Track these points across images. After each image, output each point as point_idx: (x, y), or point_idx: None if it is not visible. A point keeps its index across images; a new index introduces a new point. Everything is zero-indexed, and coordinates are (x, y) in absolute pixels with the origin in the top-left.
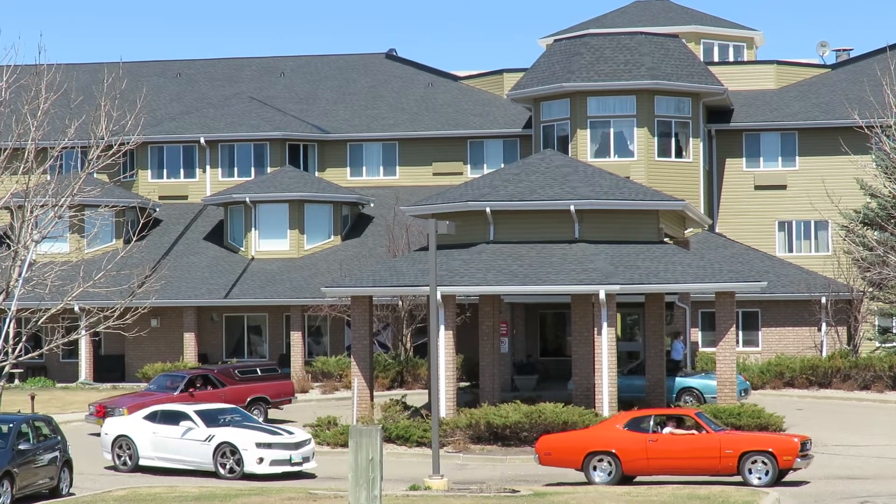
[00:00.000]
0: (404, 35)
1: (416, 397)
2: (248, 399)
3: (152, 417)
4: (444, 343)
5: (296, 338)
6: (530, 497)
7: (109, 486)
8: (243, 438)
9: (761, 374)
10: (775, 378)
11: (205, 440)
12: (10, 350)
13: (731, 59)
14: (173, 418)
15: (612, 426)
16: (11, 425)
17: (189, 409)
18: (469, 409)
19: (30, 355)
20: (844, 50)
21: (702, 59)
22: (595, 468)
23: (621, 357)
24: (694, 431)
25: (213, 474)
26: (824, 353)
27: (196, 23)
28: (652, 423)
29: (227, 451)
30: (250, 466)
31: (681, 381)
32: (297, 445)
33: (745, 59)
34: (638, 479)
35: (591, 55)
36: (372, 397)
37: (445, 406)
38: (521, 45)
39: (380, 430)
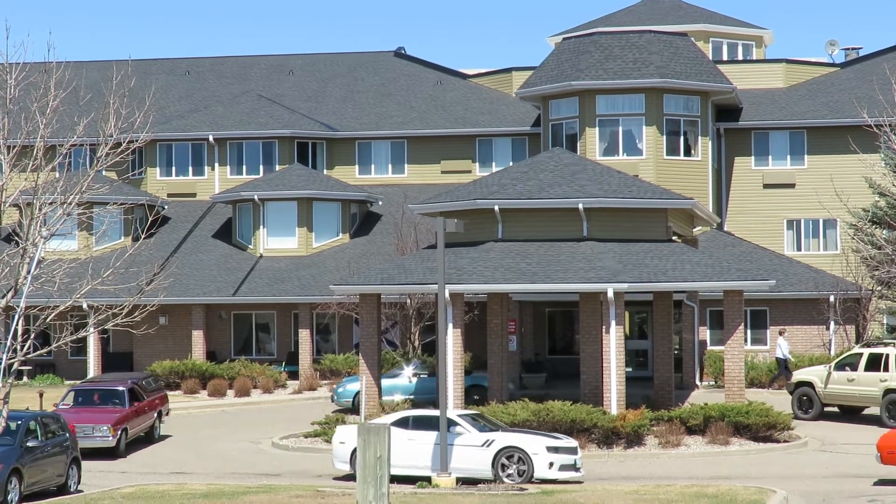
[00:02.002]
0: (413, 33)
1: None
2: (157, 411)
3: (404, 424)
4: (452, 341)
5: (304, 335)
6: (538, 495)
7: (119, 483)
8: (531, 443)
9: (769, 373)
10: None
11: (482, 445)
12: (18, 347)
13: (740, 57)
14: (432, 424)
15: None
16: (20, 422)
17: (453, 413)
18: (477, 407)
19: (38, 352)
20: (853, 49)
21: (711, 58)
22: None
23: (629, 355)
24: None
25: (490, 481)
26: (833, 352)
27: (205, 21)
28: None
29: (513, 455)
30: (540, 471)
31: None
32: (576, 450)
33: (754, 58)
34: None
35: (599, 53)
36: (380, 395)
37: (453, 404)
38: (529, 44)
39: (388, 428)
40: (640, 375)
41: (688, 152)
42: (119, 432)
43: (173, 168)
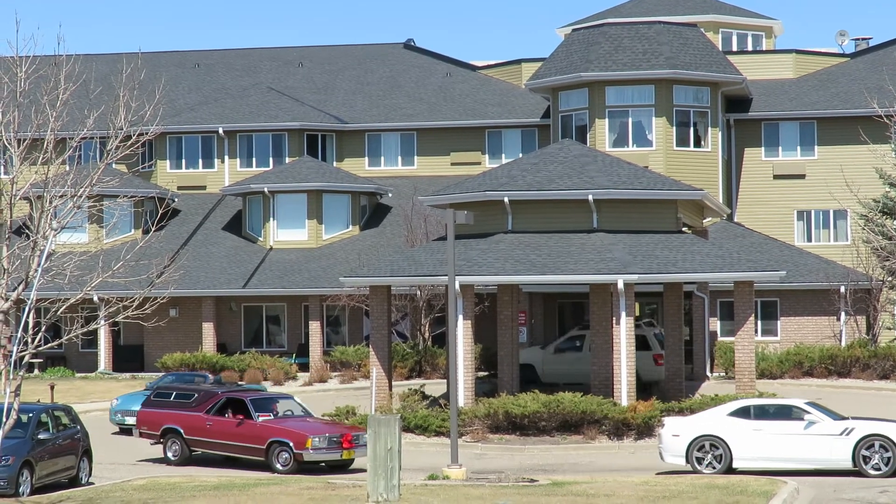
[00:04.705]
0: (422, 25)
1: (435, 387)
2: None
3: (744, 413)
4: (462, 333)
5: (314, 327)
6: (549, 487)
7: (129, 475)
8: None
9: (780, 364)
10: (794, 367)
11: (840, 434)
12: (29, 340)
13: (750, 48)
14: (779, 413)
15: None
16: (31, 415)
17: (798, 401)
18: (487, 399)
19: (49, 345)
20: (863, 39)
21: (720, 49)
22: None
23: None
24: None
25: (847, 473)
26: (843, 343)
27: (214, 13)
28: None
29: (879, 444)
30: None
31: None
32: None
33: (764, 49)
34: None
35: (609, 45)
36: (390, 387)
37: (464, 396)
38: (539, 35)
39: (398, 420)
40: None
41: (697, 143)
42: None
43: (183, 161)
